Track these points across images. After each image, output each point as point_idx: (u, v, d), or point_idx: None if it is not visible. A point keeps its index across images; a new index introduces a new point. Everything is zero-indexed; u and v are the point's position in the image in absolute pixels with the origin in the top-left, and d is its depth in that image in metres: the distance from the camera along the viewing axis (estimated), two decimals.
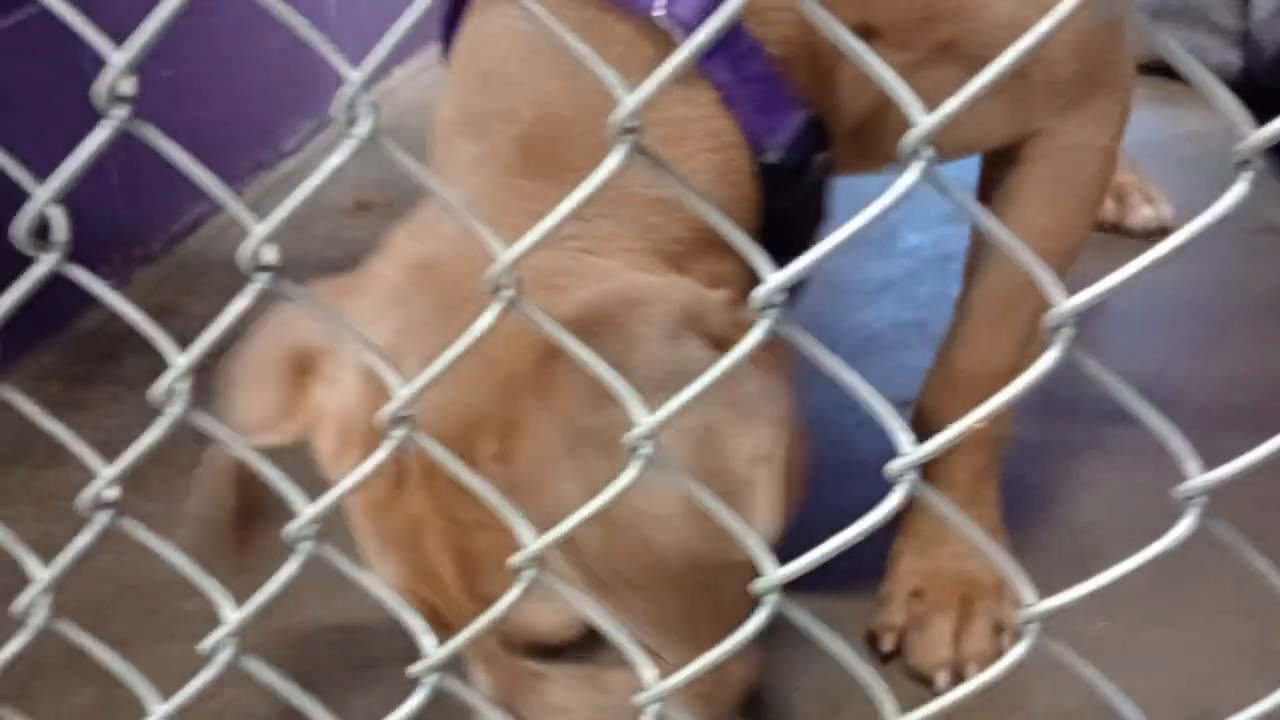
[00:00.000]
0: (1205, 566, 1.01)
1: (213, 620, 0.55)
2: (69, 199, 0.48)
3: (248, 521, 0.79)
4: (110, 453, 1.28)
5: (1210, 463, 0.40)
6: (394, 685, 0.58)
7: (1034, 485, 1.11)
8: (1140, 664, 0.92)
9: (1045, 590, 0.46)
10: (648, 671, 0.49)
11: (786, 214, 0.73)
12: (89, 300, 1.42)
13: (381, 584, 0.55)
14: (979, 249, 0.92)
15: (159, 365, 0.53)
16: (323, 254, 1.55)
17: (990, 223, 0.41)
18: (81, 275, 0.46)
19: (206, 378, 0.59)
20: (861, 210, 0.40)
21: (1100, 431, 1.15)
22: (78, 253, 0.49)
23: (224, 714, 0.90)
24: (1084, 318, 0.39)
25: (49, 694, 0.93)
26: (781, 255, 0.42)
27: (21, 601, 0.50)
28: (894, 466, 0.43)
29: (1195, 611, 0.97)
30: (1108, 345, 1.29)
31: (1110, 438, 1.14)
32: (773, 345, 0.43)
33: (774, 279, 0.41)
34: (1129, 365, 1.07)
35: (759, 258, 0.42)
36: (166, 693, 0.91)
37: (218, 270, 1.52)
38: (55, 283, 0.50)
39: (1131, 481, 1.08)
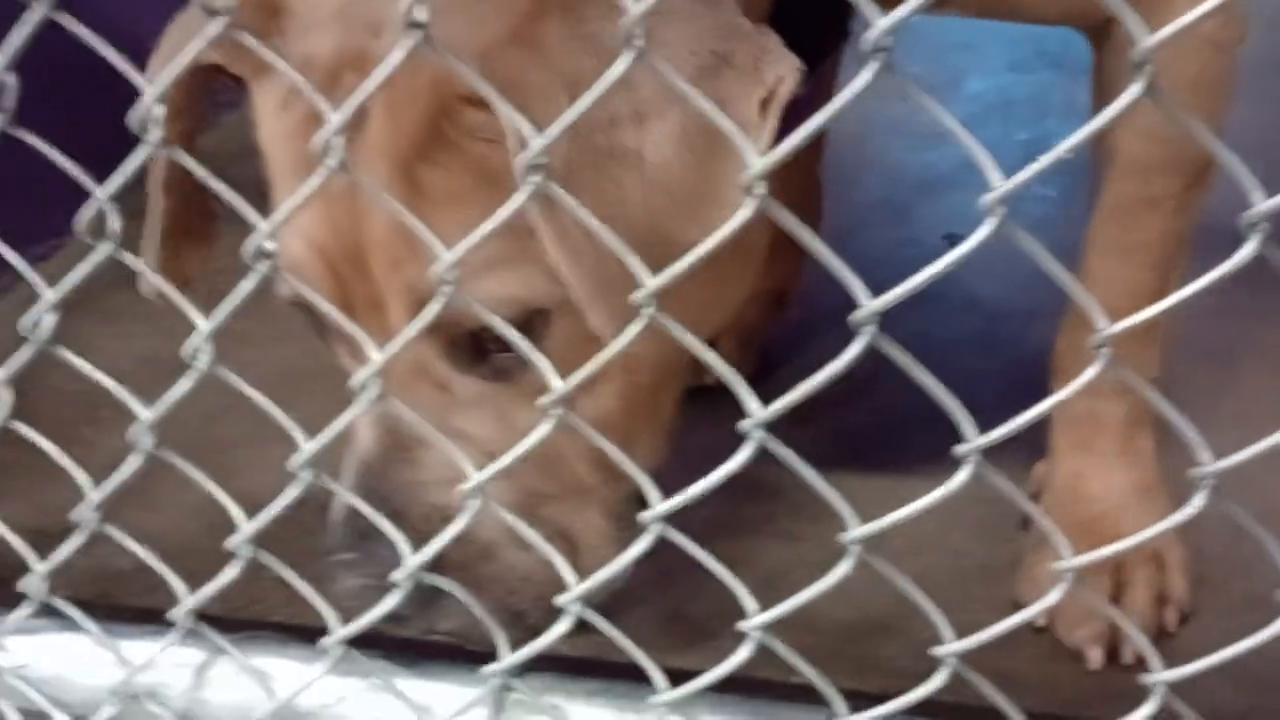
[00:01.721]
0: (1249, 386, 1.08)
1: (317, 427, 0.62)
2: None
3: (188, 232, 0.81)
4: (203, 281, 1.36)
5: None
6: None
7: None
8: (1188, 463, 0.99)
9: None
10: (555, 380, 0.51)
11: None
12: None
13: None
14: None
15: (251, 199, 0.58)
16: None
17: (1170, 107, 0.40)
18: None
19: None
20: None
21: None
22: None
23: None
24: None
25: (167, 488, 1.02)
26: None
27: (187, 347, 0.57)
28: (960, 449, 0.48)
29: (1250, 424, 1.02)
30: None
31: None
32: None
33: None
34: None
35: None
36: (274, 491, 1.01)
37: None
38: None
39: None
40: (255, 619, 0.88)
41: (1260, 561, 0.54)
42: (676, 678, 0.79)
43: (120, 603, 0.88)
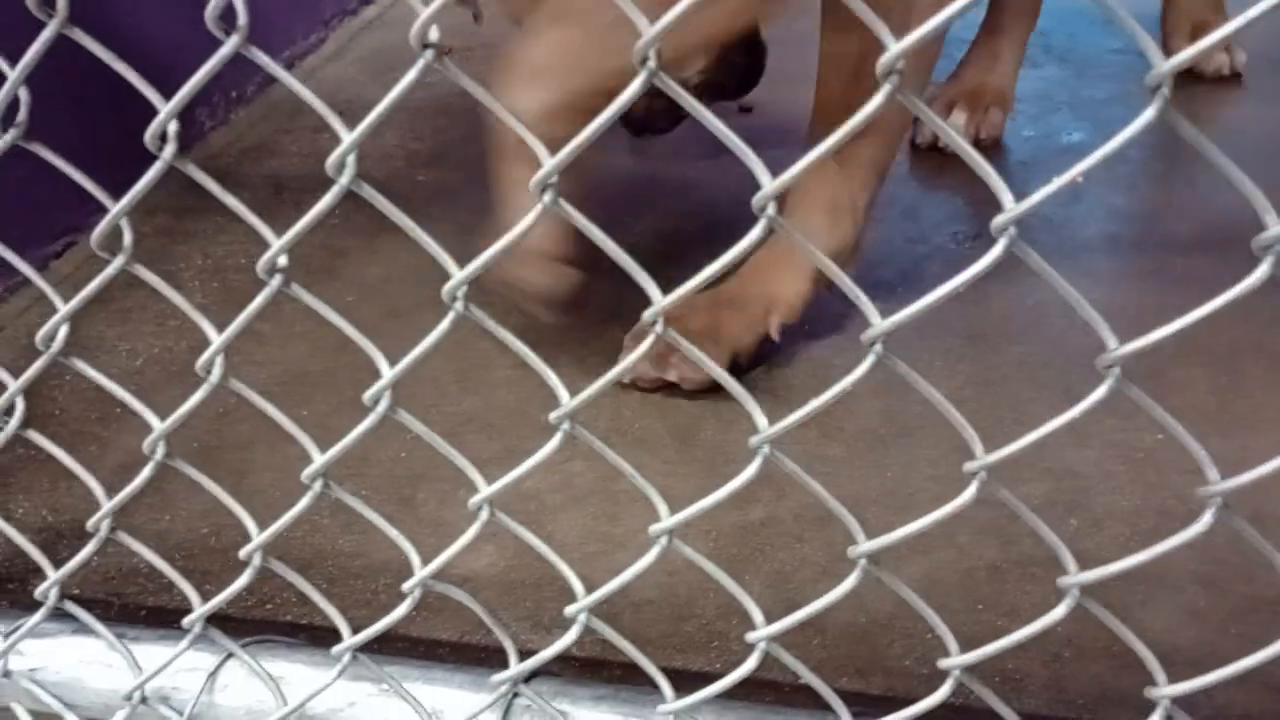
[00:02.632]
0: (1255, 388, 1.08)
1: (328, 427, 0.62)
2: (174, 42, 0.53)
3: None
4: (217, 279, 1.36)
5: None
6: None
7: None
8: (1194, 468, 0.99)
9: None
10: None
11: None
12: (193, 139, 1.51)
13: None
14: None
15: (262, 198, 0.59)
16: (409, 97, 1.61)
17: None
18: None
19: None
20: None
21: None
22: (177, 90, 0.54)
23: (340, 504, 0.99)
24: None
25: (181, 487, 1.03)
26: None
27: (201, 360, 0.58)
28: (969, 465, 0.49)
29: (1255, 427, 1.03)
30: None
31: None
32: None
33: None
34: None
35: None
36: (285, 488, 1.01)
37: (311, 110, 1.58)
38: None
39: None
40: (267, 619, 0.89)
41: (1262, 566, 0.54)
42: (682, 678, 0.80)
43: (134, 601, 0.89)
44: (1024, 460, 0.77)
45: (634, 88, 0.45)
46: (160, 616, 0.79)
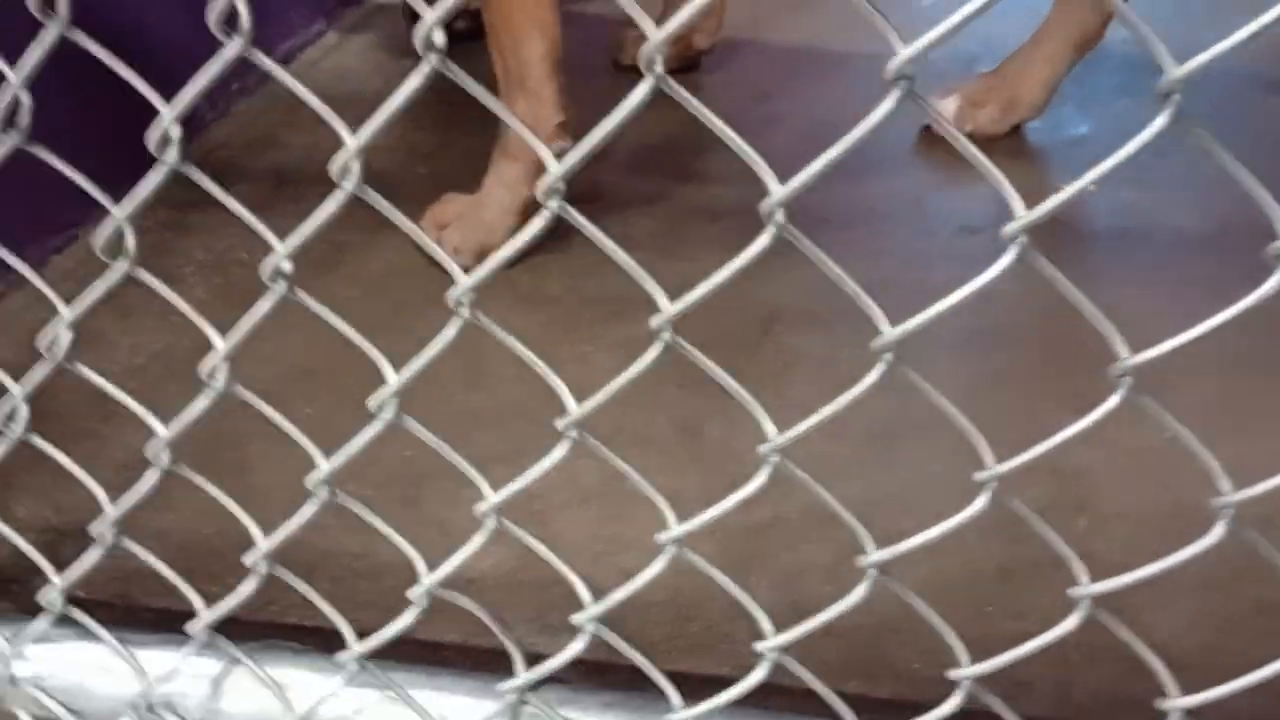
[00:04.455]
0: (1264, 389, 1.07)
1: (331, 425, 0.62)
2: (176, 37, 0.52)
3: None
4: (217, 274, 1.36)
5: None
6: (501, 482, 0.65)
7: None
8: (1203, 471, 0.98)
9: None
10: None
11: None
12: (194, 132, 1.50)
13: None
14: None
15: (263, 191, 0.58)
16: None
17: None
18: None
19: None
20: None
21: None
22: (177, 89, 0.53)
23: (343, 507, 0.99)
24: None
25: (185, 487, 1.02)
26: None
27: (205, 366, 0.57)
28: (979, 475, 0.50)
29: (1261, 431, 1.02)
30: None
31: None
32: None
33: None
34: None
35: None
36: (288, 487, 1.00)
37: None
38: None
39: None
40: (273, 621, 0.88)
41: (1270, 569, 0.54)
42: (689, 682, 0.79)
43: (140, 603, 0.89)
44: (1032, 460, 0.76)
45: (641, 92, 0.45)
46: (167, 619, 0.78)
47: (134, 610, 0.88)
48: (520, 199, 1.27)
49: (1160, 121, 0.41)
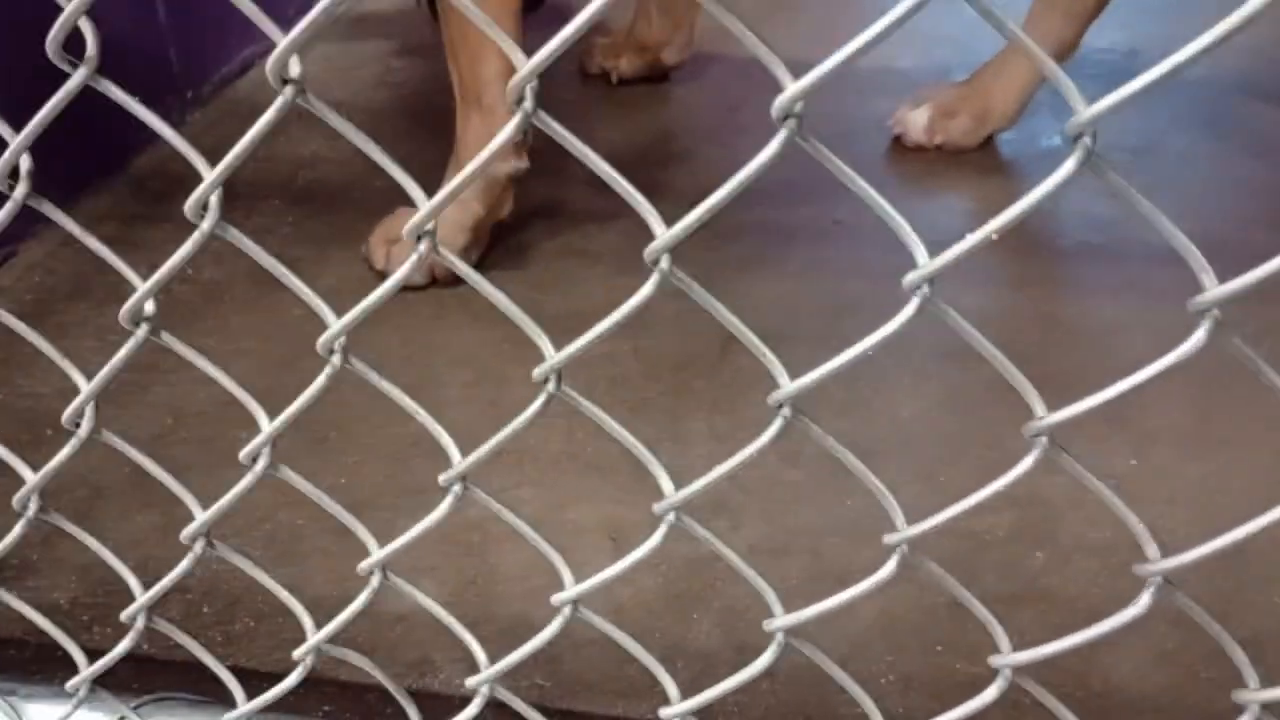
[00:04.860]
0: (1238, 404, 1.03)
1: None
2: (118, 40, 0.48)
3: None
4: (163, 291, 1.32)
5: None
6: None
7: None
8: (1169, 498, 0.94)
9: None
10: None
11: None
12: (144, 142, 1.46)
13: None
14: None
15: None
16: (372, 97, 1.57)
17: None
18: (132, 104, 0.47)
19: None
20: None
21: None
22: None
23: (276, 535, 0.95)
24: None
25: (110, 516, 0.99)
26: None
27: (68, 412, 0.54)
28: (889, 538, 0.44)
29: (1228, 448, 0.98)
30: None
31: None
32: None
33: None
34: None
35: None
36: (225, 516, 0.97)
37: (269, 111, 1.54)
38: (111, 124, 0.52)
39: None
40: (189, 661, 0.85)
41: (1235, 604, 0.50)
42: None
43: (50, 642, 0.85)
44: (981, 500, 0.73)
45: (509, 129, 0.41)
46: (70, 664, 0.75)
47: (45, 650, 0.84)
48: (472, 216, 1.24)
49: (1069, 166, 0.37)
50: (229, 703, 0.64)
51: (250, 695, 0.63)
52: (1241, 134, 1.48)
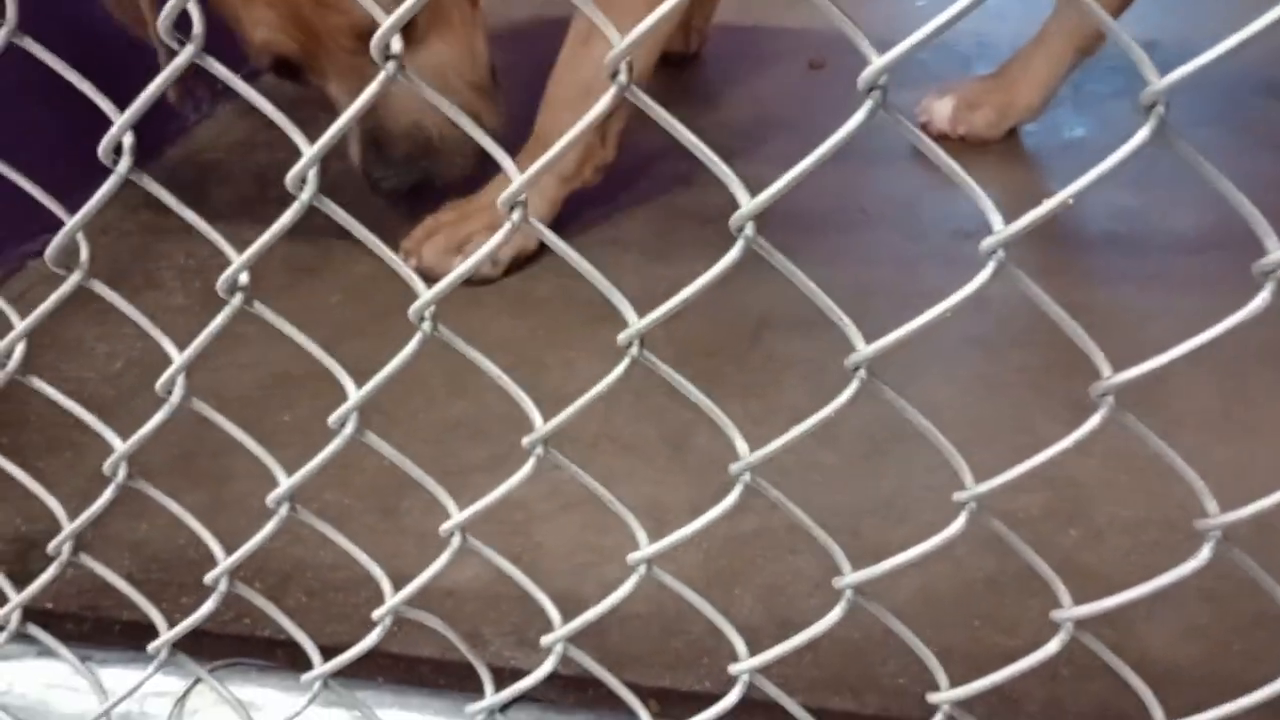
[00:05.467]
0: (1263, 391, 1.05)
1: (309, 432, 0.61)
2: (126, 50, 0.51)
3: None
4: (199, 278, 1.34)
5: None
6: (480, 492, 0.63)
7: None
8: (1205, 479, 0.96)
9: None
10: None
11: None
12: (176, 133, 1.48)
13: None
14: None
15: (245, 193, 0.57)
16: None
17: None
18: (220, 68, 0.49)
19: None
20: None
21: None
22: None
23: (324, 514, 0.97)
24: None
25: (212, 479, 1.01)
26: None
27: (161, 381, 0.56)
28: (959, 495, 0.46)
29: (1254, 435, 1.00)
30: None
31: None
32: None
33: None
34: None
35: None
36: (265, 499, 0.99)
37: (298, 104, 1.56)
38: (149, 115, 0.54)
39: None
40: (244, 634, 0.87)
41: (1267, 579, 0.52)
42: (671, 698, 0.78)
43: (109, 615, 0.87)
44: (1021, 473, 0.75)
45: (606, 99, 0.43)
46: (135, 633, 0.77)
47: (104, 624, 0.86)
48: (552, 191, 1.26)
49: (1143, 134, 0.39)
50: (298, 667, 0.66)
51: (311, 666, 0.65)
52: (1260, 128, 1.50)
